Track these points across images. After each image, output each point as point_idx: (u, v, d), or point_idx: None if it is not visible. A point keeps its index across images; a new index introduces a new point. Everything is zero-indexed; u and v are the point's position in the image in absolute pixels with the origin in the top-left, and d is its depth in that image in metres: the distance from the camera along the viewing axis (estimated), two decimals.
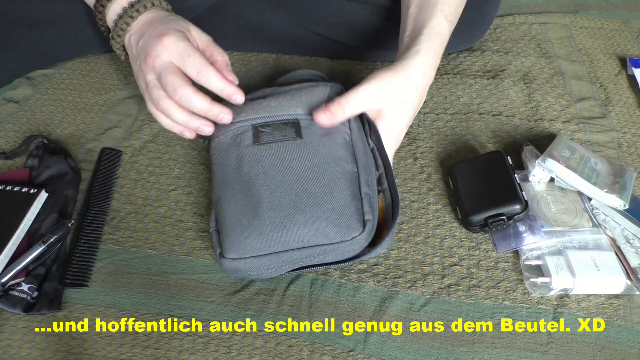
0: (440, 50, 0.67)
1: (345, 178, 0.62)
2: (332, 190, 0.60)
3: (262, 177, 0.61)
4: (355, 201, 0.60)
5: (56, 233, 0.63)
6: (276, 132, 0.65)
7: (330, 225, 0.58)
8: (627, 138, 0.79)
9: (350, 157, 0.64)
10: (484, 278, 0.63)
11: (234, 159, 0.64)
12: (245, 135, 0.66)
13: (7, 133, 0.78)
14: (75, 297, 0.60)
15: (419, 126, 0.80)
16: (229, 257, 0.58)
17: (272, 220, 0.58)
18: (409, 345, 0.57)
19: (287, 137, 0.65)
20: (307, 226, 0.58)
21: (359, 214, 0.60)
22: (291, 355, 0.57)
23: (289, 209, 0.59)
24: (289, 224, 0.58)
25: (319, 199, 0.59)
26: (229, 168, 0.63)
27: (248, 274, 0.60)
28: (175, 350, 0.57)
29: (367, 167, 0.64)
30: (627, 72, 0.90)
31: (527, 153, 0.72)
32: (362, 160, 0.64)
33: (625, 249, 0.64)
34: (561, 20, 1.01)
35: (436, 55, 0.67)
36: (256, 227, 0.58)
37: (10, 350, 0.56)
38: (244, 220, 0.59)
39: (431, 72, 0.66)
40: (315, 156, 0.63)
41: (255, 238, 0.58)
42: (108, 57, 0.90)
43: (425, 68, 0.65)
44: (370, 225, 0.59)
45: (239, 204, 0.60)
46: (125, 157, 0.75)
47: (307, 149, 0.64)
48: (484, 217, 0.65)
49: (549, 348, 0.57)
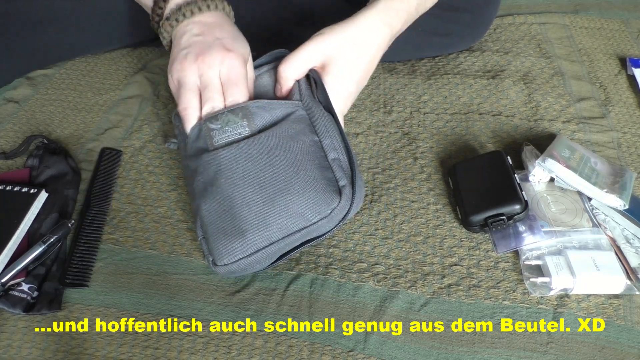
0: (403, 13, 0.65)
1: (308, 152, 0.61)
2: (297, 170, 0.59)
3: (226, 177, 0.60)
4: (325, 172, 0.60)
5: (56, 233, 0.63)
6: (227, 128, 0.62)
7: (305, 207, 0.58)
8: (627, 138, 0.79)
9: (309, 127, 0.63)
10: (484, 278, 0.63)
11: (198, 165, 0.62)
12: (200, 137, 0.63)
13: (7, 133, 0.78)
14: (75, 297, 0.60)
15: (419, 126, 0.80)
16: (221, 264, 0.59)
17: (249, 220, 0.58)
18: (409, 345, 0.57)
19: (241, 135, 0.62)
20: (284, 216, 0.58)
21: (331, 184, 0.59)
22: (291, 355, 0.56)
23: (261, 203, 0.58)
24: (266, 219, 0.58)
25: (287, 184, 0.59)
26: (197, 177, 0.62)
27: (243, 273, 0.61)
28: (175, 350, 0.57)
29: (328, 129, 0.63)
30: (627, 72, 0.90)
31: (527, 153, 0.72)
32: (320, 125, 0.63)
33: (625, 249, 0.64)
34: (561, 20, 1.01)
35: (397, 16, 0.64)
36: (237, 229, 0.58)
37: (10, 350, 0.56)
38: (224, 224, 0.59)
39: (386, 30, 0.63)
40: (271, 139, 0.61)
41: (240, 241, 0.58)
42: (108, 57, 0.90)
43: (378, 24, 0.63)
44: (346, 191, 0.59)
45: (214, 210, 0.60)
46: (125, 157, 0.75)
47: (263, 136, 0.61)
48: (484, 217, 0.65)
49: (549, 348, 0.57)
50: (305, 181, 0.59)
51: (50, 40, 0.83)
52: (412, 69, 0.90)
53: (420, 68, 0.90)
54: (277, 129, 0.62)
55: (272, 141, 0.61)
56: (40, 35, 0.81)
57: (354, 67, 0.64)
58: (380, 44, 0.64)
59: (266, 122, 0.63)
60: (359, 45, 0.63)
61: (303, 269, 0.63)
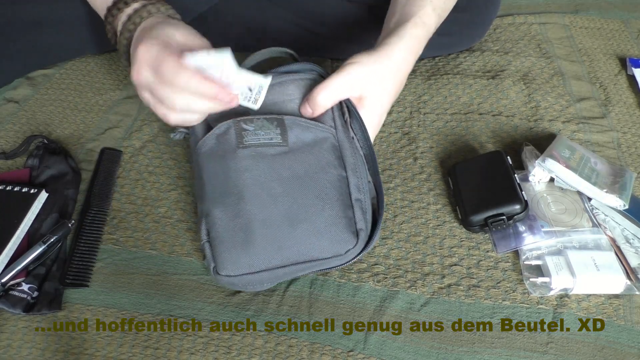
0: (423, 40, 0.67)
1: (335, 186, 0.60)
2: (323, 203, 0.59)
3: (251, 189, 0.59)
4: (347, 210, 0.60)
5: (56, 233, 0.63)
6: (260, 132, 0.62)
7: (323, 240, 0.58)
8: (627, 138, 0.79)
9: (338, 161, 0.63)
10: (484, 278, 0.63)
11: (220, 168, 0.61)
12: (229, 134, 0.62)
13: (7, 133, 0.78)
14: (75, 297, 0.60)
15: (419, 126, 0.80)
16: (224, 274, 0.57)
17: (265, 238, 0.57)
18: (409, 345, 0.57)
19: (273, 140, 0.62)
20: (301, 242, 0.57)
21: (351, 225, 0.59)
22: (291, 355, 0.56)
23: (281, 225, 0.57)
24: (283, 241, 0.57)
25: (311, 213, 0.58)
26: (217, 179, 0.61)
27: (244, 288, 0.60)
28: (175, 350, 0.57)
29: (356, 169, 0.63)
30: (627, 72, 0.90)
31: (527, 153, 0.72)
32: (350, 162, 0.63)
33: (625, 249, 0.64)
34: (561, 20, 1.01)
35: (419, 44, 0.66)
36: (250, 244, 0.57)
37: (10, 350, 0.56)
38: (237, 236, 0.57)
39: (412, 59, 0.66)
40: (302, 164, 0.61)
41: (250, 256, 0.57)
42: (108, 58, 0.90)
43: (406, 54, 0.65)
44: (363, 235, 0.59)
45: (230, 218, 0.58)
46: (125, 157, 0.75)
47: (294, 157, 0.61)
48: (484, 217, 0.65)
49: (549, 348, 0.57)
50: (329, 215, 0.58)
51: (51, 41, 0.83)
52: (412, 69, 0.90)
53: (420, 68, 0.90)
54: (309, 156, 0.61)
55: (303, 168, 0.61)
56: (42, 36, 0.81)
57: (388, 99, 0.65)
58: (408, 71, 0.67)
59: (298, 139, 0.63)
60: (393, 80, 0.64)
61: None
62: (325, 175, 0.61)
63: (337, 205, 0.59)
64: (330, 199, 0.59)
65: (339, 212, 0.59)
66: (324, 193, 0.59)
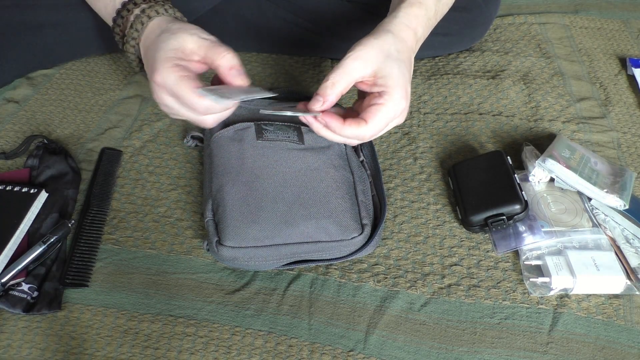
0: (422, 17, 0.65)
1: (345, 183, 0.65)
2: (334, 192, 0.63)
3: (266, 170, 0.63)
4: (354, 206, 0.63)
5: (56, 233, 0.63)
6: (279, 132, 0.67)
7: (332, 223, 0.60)
8: (627, 138, 0.79)
9: (347, 167, 0.67)
10: (484, 278, 0.63)
11: (237, 151, 0.65)
12: (248, 131, 0.67)
13: (7, 133, 0.78)
14: (75, 297, 0.60)
15: (419, 126, 0.80)
16: (228, 245, 0.58)
17: (275, 213, 0.60)
18: (409, 345, 0.57)
19: (290, 138, 0.67)
20: (311, 222, 0.60)
21: (357, 218, 0.62)
22: (291, 355, 0.56)
23: (293, 204, 0.61)
24: (292, 218, 0.60)
25: (322, 198, 0.62)
26: (232, 159, 0.65)
27: (245, 265, 0.60)
28: (175, 350, 0.57)
29: (362, 179, 0.67)
30: (627, 72, 0.90)
31: (527, 153, 0.72)
32: (356, 172, 0.68)
33: (625, 249, 0.64)
34: (561, 20, 1.01)
35: (416, 20, 0.65)
36: (259, 217, 0.59)
37: (10, 350, 0.56)
38: (247, 210, 0.60)
39: (410, 32, 0.64)
40: (316, 160, 0.65)
41: (258, 228, 0.59)
42: (108, 58, 0.90)
43: (403, 27, 0.63)
44: (367, 230, 0.62)
45: (242, 194, 0.61)
46: (125, 157, 0.75)
47: (309, 153, 0.66)
48: (484, 217, 0.65)
49: (549, 348, 0.57)
50: (338, 204, 0.62)
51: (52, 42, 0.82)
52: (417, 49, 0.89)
53: (420, 68, 0.90)
54: (322, 155, 0.66)
55: (317, 163, 0.65)
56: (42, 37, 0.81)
57: (403, 65, 0.62)
58: (412, 45, 0.65)
59: (314, 143, 0.68)
60: (400, 49, 0.62)
61: (303, 268, 0.63)
62: (337, 172, 0.65)
63: (346, 198, 0.63)
64: (340, 191, 0.63)
65: (347, 204, 0.62)
66: (335, 185, 0.63)
